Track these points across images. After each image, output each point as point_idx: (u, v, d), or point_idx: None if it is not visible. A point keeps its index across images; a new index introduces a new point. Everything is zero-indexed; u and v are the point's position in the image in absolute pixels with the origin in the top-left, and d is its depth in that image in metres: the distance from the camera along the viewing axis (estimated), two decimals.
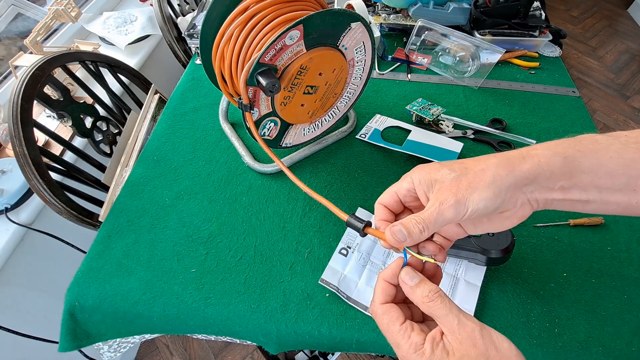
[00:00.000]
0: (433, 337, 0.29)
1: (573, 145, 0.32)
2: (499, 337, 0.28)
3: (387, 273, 0.33)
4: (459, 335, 0.28)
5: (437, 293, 0.30)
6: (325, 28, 0.48)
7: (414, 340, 0.29)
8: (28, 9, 1.17)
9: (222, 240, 0.55)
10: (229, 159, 0.66)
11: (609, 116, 1.99)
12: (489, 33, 0.84)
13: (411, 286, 0.31)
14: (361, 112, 0.73)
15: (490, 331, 0.28)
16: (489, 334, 0.28)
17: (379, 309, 0.32)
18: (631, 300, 0.49)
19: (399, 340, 0.30)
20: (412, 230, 0.31)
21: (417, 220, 0.31)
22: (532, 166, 0.30)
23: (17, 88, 0.70)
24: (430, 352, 0.28)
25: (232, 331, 0.50)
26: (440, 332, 0.29)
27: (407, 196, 0.34)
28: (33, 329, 0.77)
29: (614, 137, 0.31)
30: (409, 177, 0.33)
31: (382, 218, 0.34)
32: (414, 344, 0.29)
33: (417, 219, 0.31)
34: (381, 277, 0.33)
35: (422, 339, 0.29)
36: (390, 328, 0.30)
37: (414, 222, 0.31)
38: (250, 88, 0.48)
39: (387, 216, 0.34)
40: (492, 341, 0.28)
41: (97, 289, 0.51)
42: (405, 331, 0.30)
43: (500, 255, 0.47)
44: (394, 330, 0.30)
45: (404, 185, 0.33)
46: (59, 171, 0.79)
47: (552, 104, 0.75)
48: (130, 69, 0.96)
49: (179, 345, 1.27)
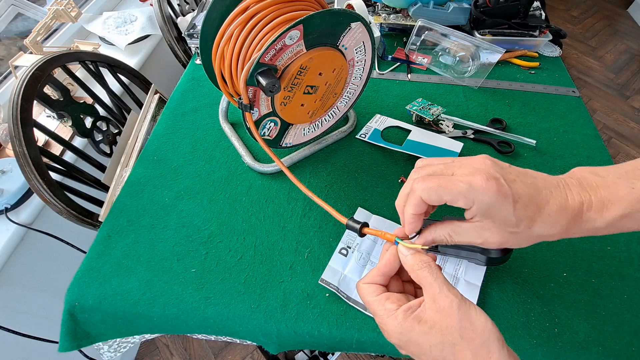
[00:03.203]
0: (409, 306, 0.31)
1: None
2: (478, 312, 0.29)
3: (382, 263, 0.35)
4: (438, 304, 0.29)
5: (427, 263, 0.32)
6: (325, 28, 0.48)
7: (387, 306, 0.31)
8: (28, 9, 1.17)
9: (222, 240, 0.55)
10: (229, 159, 0.66)
11: (609, 116, 1.99)
12: (489, 33, 0.84)
13: (405, 255, 0.33)
14: (361, 112, 0.73)
15: (470, 306, 0.29)
16: (467, 308, 0.29)
17: (360, 285, 0.35)
18: (631, 300, 0.49)
19: (375, 307, 0.32)
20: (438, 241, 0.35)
21: (449, 241, 0.34)
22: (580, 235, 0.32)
23: (17, 88, 0.70)
24: (403, 319, 0.30)
25: (232, 331, 0.50)
26: (419, 302, 0.31)
27: (454, 203, 0.31)
28: (33, 329, 0.77)
29: None
30: (469, 201, 0.30)
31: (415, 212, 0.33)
32: (387, 309, 0.31)
33: (450, 242, 0.34)
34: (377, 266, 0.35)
35: (397, 306, 0.31)
36: (368, 299, 0.33)
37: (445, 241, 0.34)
38: (250, 88, 0.48)
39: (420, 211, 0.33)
40: (469, 315, 0.28)
41: (97, 289, 0.51)
42: (381, 300, 0.32)
43: (500, 255, 0.47)
44: (371, 300, 0.33)
45: (459, 202, 0.31)
46: (59, 171, 0.79)
47: (552, 104, 0.75)
48: (130, 69, 0.96)
49: (179, 345, 1.27)
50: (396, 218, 0.57)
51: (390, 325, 0.30)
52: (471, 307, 0.29)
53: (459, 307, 0.28)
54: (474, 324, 0.28)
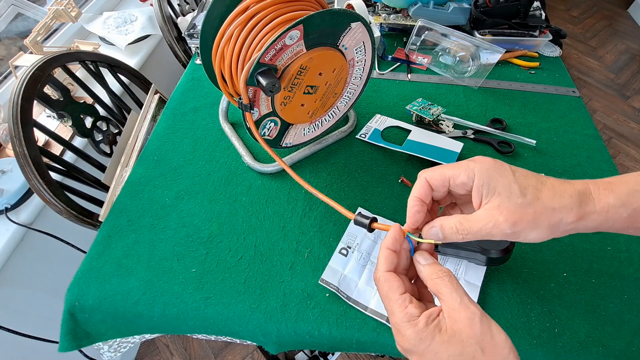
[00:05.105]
0: (430, 313, 0.29)
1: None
2: (498, 329, 0.28)
3: (388, 241, 0.33)
4: (458, 314, 0.28)
5: (447, 273, 0.31)
6: (325, 28, 0.48)
7: (409, 311, 0.29)
8: (28, 9, 1.17)
9: (222, 240, 0.55)
10: (229, 159, 0.66)
11: (609, 116, 1.99)
12: (489, 33, 0.84)
13: (423, 265, 0.32)
14: (361, 112, 0.73)
15: (491, 321, 0.28)
16: (488, 323, 0.28)
17: (382, 276, 0.32)
18: (631, 300, 0.49)
19: (395, 307, 0.30)
20: (449, 237, 0.32)
21: (459, 229, 0.31)
22: (600, 221, 0.30)
23: (17, 88, 0.70)
24: (424, 326, 0.28)
25: (232, 331, 0.50)
26: (438, 311, 0.29)
27: (458, 186, 0.32)
28: (33, 329, 0.77)
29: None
30: (470, 172, 0.31)
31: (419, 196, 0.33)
32: (409, 314, 0.29)
33: (461, 230, 0.31)
34: (384, 246, 0.33)
35: (419, 312, 0.29)
36: (389, 295, 0.31)
37: (454, 230, 0.31)
38: (250, 88, 0.48)
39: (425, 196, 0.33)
40: (490, 329, 0.28)
41: (97, 289, 0.51)
42: (404, 301, 0.30)
43: (500, 255, 0.47)
44: (392, 298, 0.31)
45: (461, 176, 0.31)
46: (59, 171, 0.79)
47: (552, 104, 0.75)
48: (130, 69, 0.96)
49: (179, 345, 1.27)
50: (396, 218, 0.57)
51: (408, 330, 0.29)
52: (492, 323, 0.28)
53: (481, 320, 0.28)
54: (495, 340, 0.27)
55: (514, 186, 0.30)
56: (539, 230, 0.30)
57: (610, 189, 0.30)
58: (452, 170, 0.32)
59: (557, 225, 0.30)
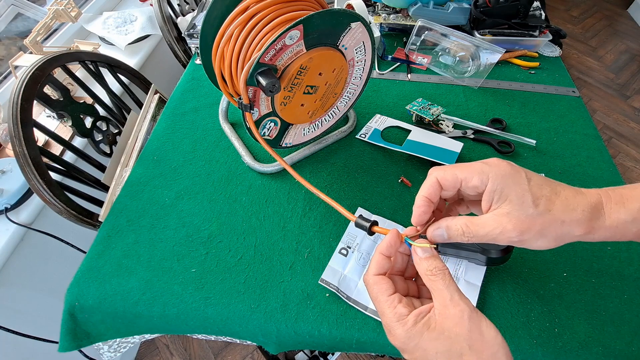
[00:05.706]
0: (420, 311, 0.30)
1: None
2: (488, 325, 0.28)
3: (383, 246, 0.33)
4: (448, 311, 0.28)
5: (441, 270, 0.31)
6: (325, 28, 0.48)
7: (398, 310, 0.30)
8: (28, 9, 1.17)
9: (222, 240, 0.55)
10: (229, 159, 0.66)
11: (609, 116, 1.99)
12: (489, 33, 0.84)
13: (421, 258, 0.32)
14: (361, 112, 0.73)
15: (481, 317, 0.28)
16: (478, 319, 0.28)
17: (370, 278, 0.33)
18: (631, 300, 0.49)
19: (385, 308, 0.31)
20: (454, 239, 0.32)
21: (465, 232, 0.31)
22: (607, 235, 0.30)
23: (17, 88, 0.70)
24: (413, 324, 0.29)
25: (232, 331, 0.50)
26: (429, 308, 0.30)
27: (469, 189, 0.32)
28: (33, 329, 0.77)
29: None
30: (484, 176, 0.31)
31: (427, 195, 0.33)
32: (398, 313, 0.30)
33: (467, 232, 0.31)
34: (378, 250, 0.34)
35: (408, 311, 0.30)
36: (379, 297, 0.31)
37: (460, 232, 0.32)
38: (250, 88, 0.48)
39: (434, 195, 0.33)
40: (479, 326, 0.28)
41: (97, 289, 0.51)
42: (392, 302, 0.31)
43: (500, 255, 0.47)
44: (382, 300, 0.31)
45: (474, 180, 0.31)
46: (59, 171, 0.79)
47: (552, 104, 0.75)
48: (130, 69, 0.96)
49: (179, 345, 1.27)
50: (396, 218, 0.57)
51: (398, 329, 0.29)
52: (482, 319, 0.28)
53: (470, 317, 0.28)
54: (484, 336, 0.27)
55: (527, 195, 0.30)
56: (545, 240, 0.30)
57: (622, 202, 0.30)
58: (465, 172, 0.32)
59: (564, 236, 0.30)
